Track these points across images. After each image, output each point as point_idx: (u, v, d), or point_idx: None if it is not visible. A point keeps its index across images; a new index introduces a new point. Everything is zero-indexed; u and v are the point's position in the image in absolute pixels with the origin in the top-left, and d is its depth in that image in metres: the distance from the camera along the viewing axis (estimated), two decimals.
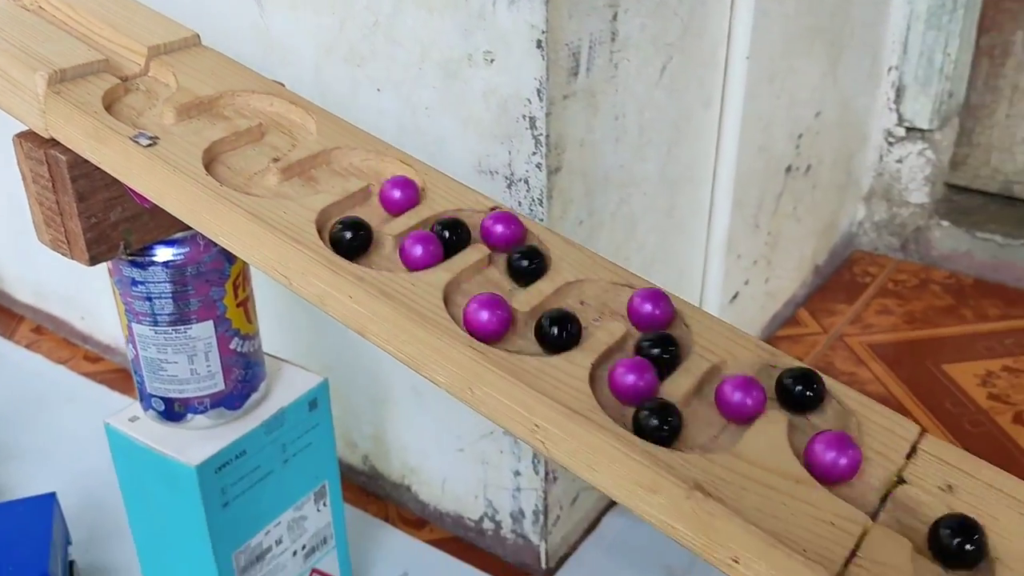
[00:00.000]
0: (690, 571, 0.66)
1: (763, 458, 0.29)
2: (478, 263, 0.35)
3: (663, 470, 0.28)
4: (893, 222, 1.06)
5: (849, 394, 0.32)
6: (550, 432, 0.30)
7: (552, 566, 0.66)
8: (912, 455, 0.30)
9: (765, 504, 0.27)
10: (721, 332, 0.33)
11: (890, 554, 0.26)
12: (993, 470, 0.30)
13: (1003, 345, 0.90)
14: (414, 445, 0.69)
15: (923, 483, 0.29)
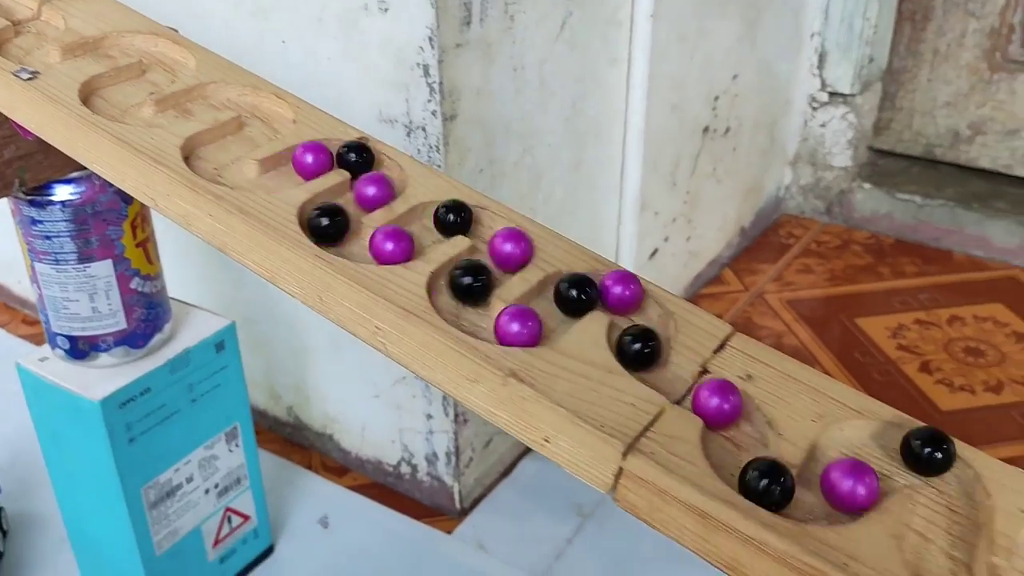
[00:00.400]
0: (597, 509, 0.69)
1: (580, 351, 0.31)
2: (338, 186, 0.37)
3: (483, 361, 0.30)
4: (818, 185, 1.09)
5: (668, 298, 0.34)
6: (388, 333, 0.32)
7: (467, 506, 0.69)
8: (720, 350, 0.33)
9: (574, 389, 0.30)
10: (560, 245, 0.36)
11: (681, 429, 0.29)
12: (793, 363, 0.32)
13: (916, 300, 0.93)
14: (333, 395, 0.71)
15: (724, 372, 0.32)
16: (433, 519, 0.68)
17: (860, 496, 0.27)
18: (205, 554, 0.60)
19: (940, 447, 0.28)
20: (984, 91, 1.02)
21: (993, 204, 1.00)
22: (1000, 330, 0.88)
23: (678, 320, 0.33)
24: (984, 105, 1.03)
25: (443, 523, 0.68)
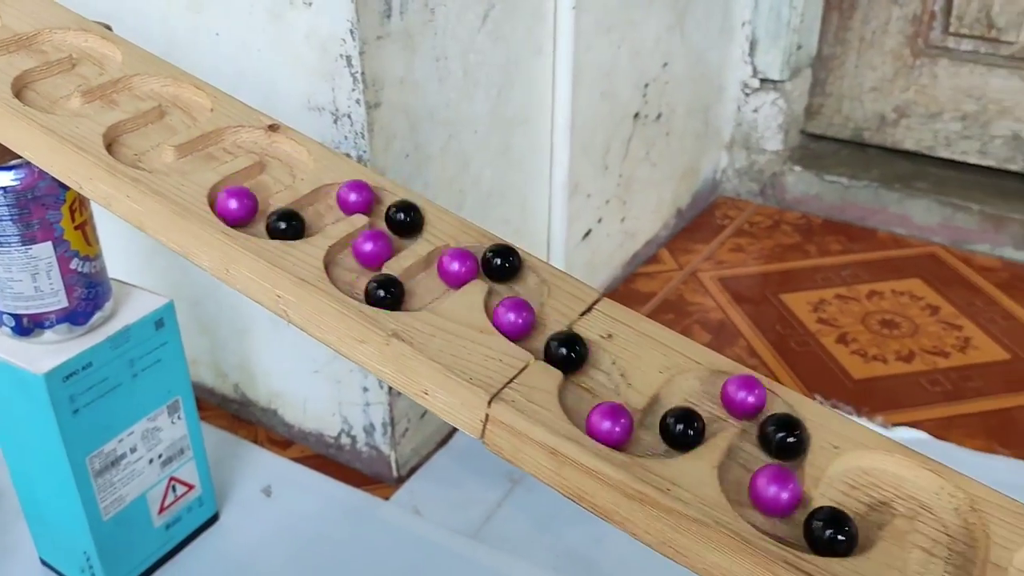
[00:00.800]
0: (527, 476, 0.73)
1: (457, 314, 0.35)
2: (249, 169, 0.40)
3: (369, 324, 0.34)
4: (752, 169, 1.13)
5: (545, 268, 0.38)
6: (289, 300, 0.36)
7: (403, 474, 0.73)
8: (587, 312, 0.37)
9: (449, 347, 0.34)
10: (450, 221, 0.40)
11: (541, 381, 0.33)
12: (650, 323, 0.37)
13: (839, 276, 0.98)
14: (276, 371, 0.75)
15: (588, 332, 0.36)
16: (372, 487, 0.72)
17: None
18: (151, 521, 0.64)
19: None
20: (908, 76, 1.07)
21: (915, 184, 1.05)
22: (916, 303, 0.93)
23: (551, 287, 0.38)
24: (908, 89, 1.08)
25: (381, 490, 0.72)
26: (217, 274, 0.37)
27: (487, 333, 0.35)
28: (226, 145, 0.42)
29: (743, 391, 0.32)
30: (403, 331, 0.34)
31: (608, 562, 0.65)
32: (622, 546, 0.66)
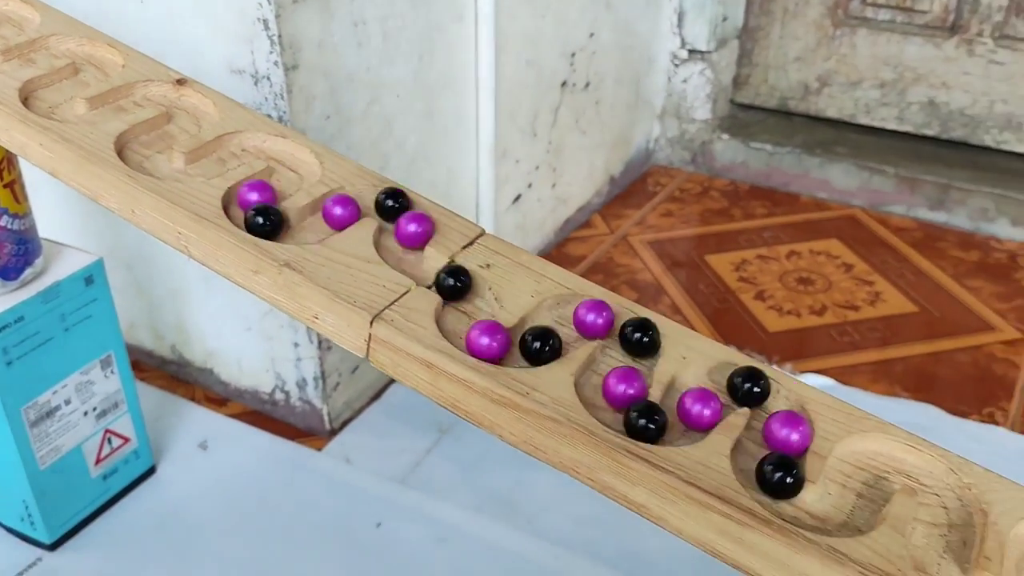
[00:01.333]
0: (456, 426, 0.76)
1: (347, 248, 0.38)
2: (155, 119, 0.43)
3: (263, 255, 0.37)
4: (683, 138, 1.17)
5: (432, 206, 0.41)
6: (189, 236, 0.39)
7: (336, 427, 0.76)
8: (469, 246, 0.40)
9: (337, 275, 0.37)
10: (347, 167, 0.43)
11: (420, 303, 0.36)
12: (527, 255, 0.40)
13: (761, 238, 1.03)
14: (210, 330, 0.77)
15: (469, 263, 0.39)
16: (306, 439, 0.75)
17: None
18: (88, 471, 0.66)
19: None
20: (829, 46, 1.12)
21: (835, 150, 1.09)
22: (831, 262, 0.98)
23: (439, 224, 0.41)
24: (829, 59, 1.12)
25: (314, 442, 0.75)
26: (124, 215, 0.40)
27: (374, 263, 0.38)
28: (136, 98, 0.45)
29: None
30: (294, 261, 0.37)
31: (528, 503, 0.69)
32: (540, 488, 0.70)
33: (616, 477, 0.32)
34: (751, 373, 0.35)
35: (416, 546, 0.65)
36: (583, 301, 0.37)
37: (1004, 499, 0.33)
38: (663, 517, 0.32)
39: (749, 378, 0.35)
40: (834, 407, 0.35)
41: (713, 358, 0.36)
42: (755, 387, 0.35)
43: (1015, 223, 1.00)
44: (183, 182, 0.40)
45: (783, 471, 0.32)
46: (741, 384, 0.35)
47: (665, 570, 0.63)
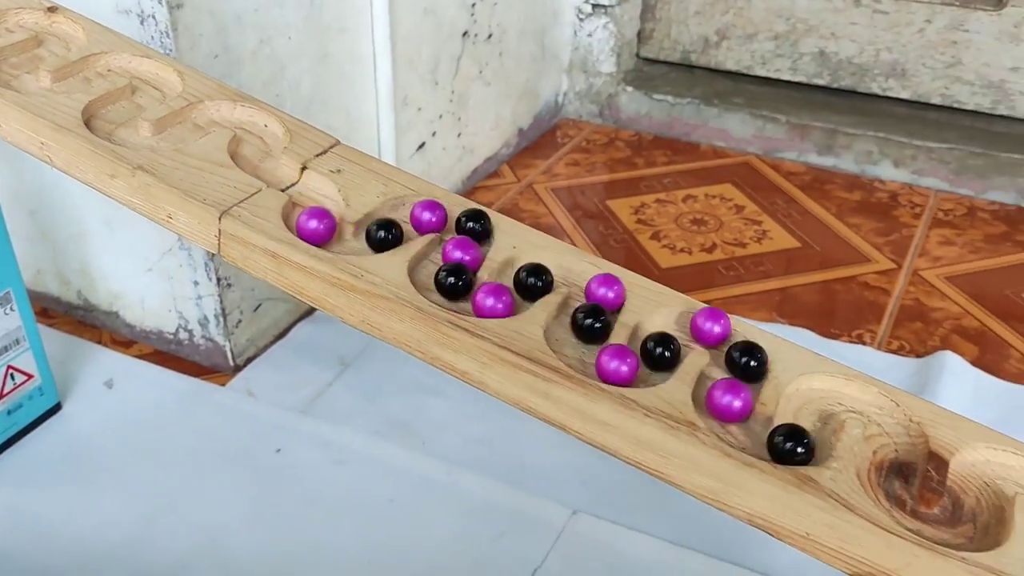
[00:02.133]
0: (358, 359, 0.79)
1: (201, 153, 0.41)
2: (24, 42, 0.45)
3: (118, 160, 0.40)
4: (591, 91, 1.21)
5: (289, 119, 0.44)
6: (50, 146, 0.41)
7: (240, 364, 0.78)
8: (322, 155, 0.43)
9: (189, 177, 0.40)
10: (209, 84, 0.45)
11: (267, 201, 0.39)
12: (381, 163, 0.43)
13: (661, 184, 1.07)
14: (114, 273, 0.79)
15: (320, 168, 0.42)
16: (210, 376, 0.78)
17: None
18: None
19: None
20: (726, 0, 1.16)
21: (732, 100, 1.14)
22: (724, 204, 1.02)
23: (293, 134, 0.44)
24: (727, 12, 1.16)
25: (218, 379, 0.77)
26: None
27: (226, 167, 0.41)
28: (8, 25, 0.47)
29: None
30: (147, 164, 0.40)
31: (423, 427, 0.72)
32: (435, 414, 0.73)
33: (442, 348, 0.36)
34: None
35: (314, 468, 0.68)
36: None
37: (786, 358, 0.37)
38: (484, 381, 0.36)
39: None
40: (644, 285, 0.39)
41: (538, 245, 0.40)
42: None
43: (897, 165, 1.06)
44: (47, 97, 0.42)
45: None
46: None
47: (548, 479, 0.67)
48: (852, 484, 0.32)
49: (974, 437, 0.35)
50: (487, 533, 0.63)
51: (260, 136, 0.44)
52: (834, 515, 0.31)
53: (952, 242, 0.95)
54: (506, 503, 0.65)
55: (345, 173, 0.42)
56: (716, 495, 0.33)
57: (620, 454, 0.34)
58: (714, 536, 0.62)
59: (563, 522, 0.64)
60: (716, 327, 0.38)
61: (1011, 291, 0.87)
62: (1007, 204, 1.01)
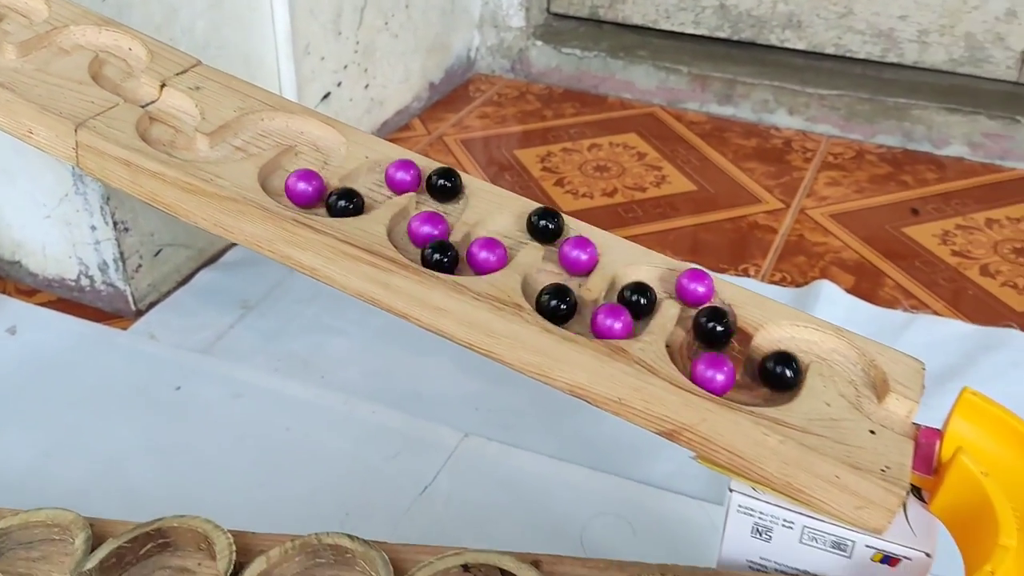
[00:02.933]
0: (261, 303, 0.81)
1: (62, 72, 0.42)
2: None
3: None
4: (502, 46, 1.23)
5: (151, 41, 0.46)
6: None
7: (142, 309, 0.79)
8: (182, 73, 0.45)
9: (49, 94, 0.41)
10: (73, 11, 0.46)
11: (123, 114, 0.41)
12: (242, 82, 0.45)
13: (567, 134, 1.10)
14: (14, 222, 0.79)
15: (179, 86, 0.44)
16: (112, 322, 0.78)
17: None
18: None
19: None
20: None
21: (637, 53, 1.17)
22: (627, 152, 1.06)
23: (155, 55, 0.45)
24: None
25: (121, 323, 0.78)
26: None
27: (85, 84, 0.42)
28: None
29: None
30: (8, 82, 0.41)
31: (322, 362, 0.74)
32: (334, 350, 0.76)
33: (290, 246, 0.38)
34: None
35: (213, 403, 0.70)
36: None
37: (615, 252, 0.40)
38: (331, 276, 0.38)
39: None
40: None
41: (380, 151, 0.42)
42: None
43: (791, 113, 1.10)
44: None
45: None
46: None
47: (442, 406, 0.70)
48: (659, 354, 0.35)
49: (779, 316, 0.38)
50: (381, 455, 0.66)
51: (124, 59, 0.45)
52: (640, 379, 0.34)
53: (839, 183, 1.00)
54: (401, 428, 0.68)
55: (204, 90, 0.44)
56: (541, 369, 0.36)
57: (455, 337, 0.37)
58: (594, 452, 0.66)
59: (455, 444, 0.67)
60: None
61: (890, 226, 0.92)
62: (893, 147, 1.06)
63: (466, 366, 0.74)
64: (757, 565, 0.35)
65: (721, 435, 0.34)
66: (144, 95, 0.43)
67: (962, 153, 1.04)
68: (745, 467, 0.34)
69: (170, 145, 0.41)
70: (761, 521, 0.35)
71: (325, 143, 0.43)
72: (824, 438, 0.33)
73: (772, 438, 0.33)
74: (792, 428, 0.33)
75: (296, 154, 0.42)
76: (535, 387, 0.71)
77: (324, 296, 0.82)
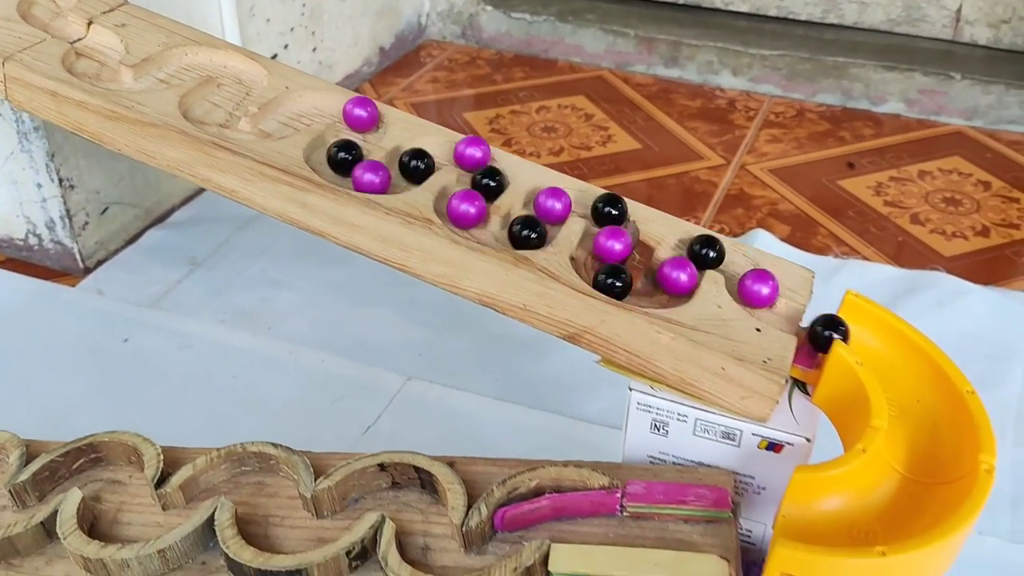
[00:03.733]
0: (208, 259, 0.82)
1: None
2: None
3: None
4: (452, 11, 1.24)
5: None
6: None
7: (91, 266, 0.80)
8: (109, 12, 0.46)
9: None
10: None
11: (51, 48, 0.42)
12: (167, 19, 0.46)
13: (516, 97, 1.11)
14: None
15: (105, 23, 0.45)
16: (61, 279, 0.79)
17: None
18: None
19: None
20: None
21: (585, 17, 1.19)
22: (575, 113, 1.08)
23: None
24: None
25: (69, 281, 0.79)
26: None
27: (13, 21, 0.43)
28: None
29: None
30: None
31: (269, 314, 0.76)
32: (282, 303, 0.77)
33: (210, 169, 0.40)
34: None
35: (160, 354, 0.71)
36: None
37: (523, 174, 0.42)
38: (250, 197, 0.40)
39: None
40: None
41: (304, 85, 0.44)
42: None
43: (735, 73, 1.12)
44: None
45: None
46: None
47: (387, 352, 0.72)
48: (562, 263, 0.37)
49: (681, 230, 0.41)
50: (326, 399, 0.68)
51: (55, 1, 0.46)
52: (542, 285, 0.36)
53: (779, 140, 1.02)
54: (346, 374, 0.70)
55: (129, 27, 0.45)
56: (450, 279, 0.38)
57: (371, 253, 0.39)
58: (532, 392, 0.68)
59: (398, 387, 0.69)
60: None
61: (826, 179, 0.95)
62: (833, 105, 1.09)
63: (411, 316, 0.76)
64: (657, 459, 0.38)
65: (619, 335, 0.36)
66: (72, 32, 0.44)
67: (899, 110, 1.07)
68: (642, 365, 0.36)
69: (95, 78, 0.42)
70: (658, 417, 0.37)
71: (248, 76, 0.44)
72: (712, 335, 0.35)
73: (664, 336, 0.35)
74: (683, 327, 0.35)
75: (218, 85, 0.43)
76: (478, 334, 0.74)
77: (272, 252, 0.83)
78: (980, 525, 0.59)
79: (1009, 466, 0.63)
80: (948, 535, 0.31)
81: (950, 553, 0.31)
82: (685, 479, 0.35)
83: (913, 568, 0.31)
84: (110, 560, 0.34)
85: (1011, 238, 0.86)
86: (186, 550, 0.35)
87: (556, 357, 0.71)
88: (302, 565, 0.33)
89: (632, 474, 0.36)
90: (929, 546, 0.30)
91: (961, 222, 0.89)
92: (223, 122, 0.41)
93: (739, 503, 0.34)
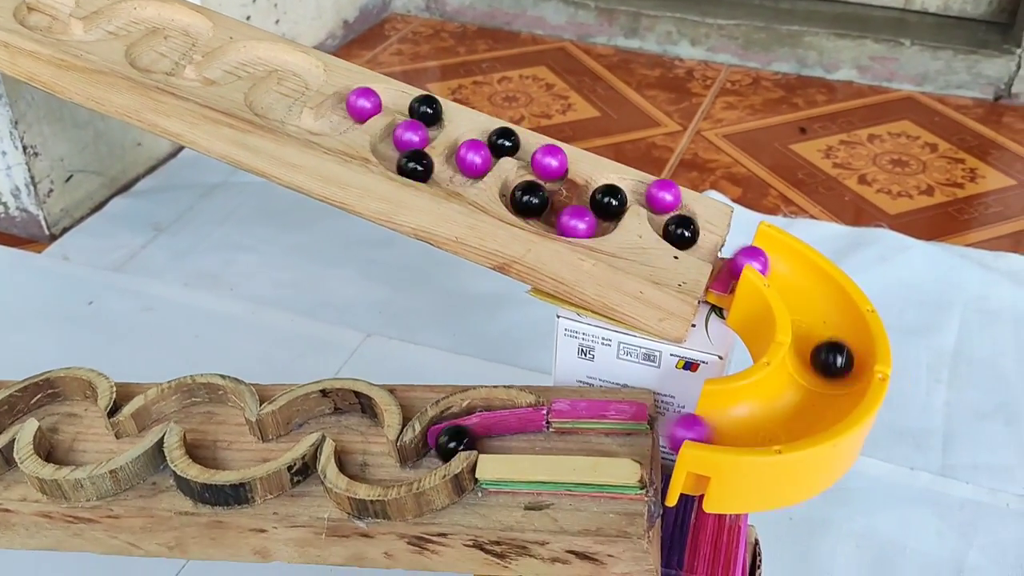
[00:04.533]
0: (172, 225, 0.83)
1: None
2: None
3: None
4: None
5: None
6: None
7: (56, 233, 0.82)
8: None
9: None
10: None
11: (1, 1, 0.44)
12: None
13: (479, 68, 1.13)
14: None
15: None
16: (27, 246, 0.81)
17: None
18: None
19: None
20: None
21: None
22: (536, 84, 1.09)
23: None
24: None
25: (35, 247, 0.80)
26: None
27: None
28: None
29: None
30: None
31: (231, 276, 0.78)
32: (243, 265, 0.79)
33: (156, 114, 0.41)
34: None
35: (124, 315, 0.73)
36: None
37: (459, 118, 0.44)
38: (195, 141, 0.41)
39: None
40: None
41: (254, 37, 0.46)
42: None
43: (693, 44, 1.15)
44: None
45: None
46: None
47: (347, 311, 0.74)
48: (492, 197, 0.39)
49: (606, 169, 0.43)
50: (287, 355, 0.69)
51: None
52: (473, 218, 0.38)
53: (734, 107, 1.05)
54: (306, 332, 0.72)
55: None
56: (387, 215, 0.40)
57: (312, 192, 0.41)
58: (486, 345, 0.70)
59: (357, 343, 0.71)
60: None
61: (779, 144, 0.98)
62: (788, 73, 1.11)
63: (371, 276, 0.78)
64: (585, 382, 0.40)
65: (545, 264, 0.38)
66: None
67: (851, 76, 1.10)
68: (567, 292, 0.38)
69: (47, 31, 0.44)
70: (584, 342, 0.39)
71: (194, 28, 0.46)
72: (632, 262, 0.38)
73: (587, 262, 0.37)
74: (605, 254, 0.38)
75: (165, 37, 0.45)
76: (435, 292, 0.76)
77: (235, 218, 0.84)
78: (913, 460, 0.62)
79: (943, 406, 0.66)
80: (840, 435, 0.33)
81: (843, 453, 0.34)
82: (609, 399, 0.37)
83: (807, 465, 0.33)
84: (64, 481, 0.36)
85: (954, 196, 0.89)
86: (137, 471, 0.37)
87: (508, 313, 0.73)
88: (245, 479, 0.35)
89: (559, 395, 0.38)
90: (821, 444, 0.33)
91: (907, 182, 0.92)
92: (169, 70, 0.43)
93: (656, 417, 0.37)
